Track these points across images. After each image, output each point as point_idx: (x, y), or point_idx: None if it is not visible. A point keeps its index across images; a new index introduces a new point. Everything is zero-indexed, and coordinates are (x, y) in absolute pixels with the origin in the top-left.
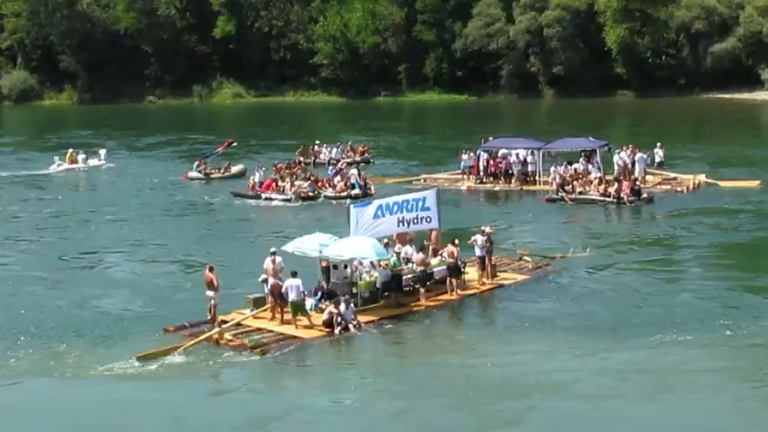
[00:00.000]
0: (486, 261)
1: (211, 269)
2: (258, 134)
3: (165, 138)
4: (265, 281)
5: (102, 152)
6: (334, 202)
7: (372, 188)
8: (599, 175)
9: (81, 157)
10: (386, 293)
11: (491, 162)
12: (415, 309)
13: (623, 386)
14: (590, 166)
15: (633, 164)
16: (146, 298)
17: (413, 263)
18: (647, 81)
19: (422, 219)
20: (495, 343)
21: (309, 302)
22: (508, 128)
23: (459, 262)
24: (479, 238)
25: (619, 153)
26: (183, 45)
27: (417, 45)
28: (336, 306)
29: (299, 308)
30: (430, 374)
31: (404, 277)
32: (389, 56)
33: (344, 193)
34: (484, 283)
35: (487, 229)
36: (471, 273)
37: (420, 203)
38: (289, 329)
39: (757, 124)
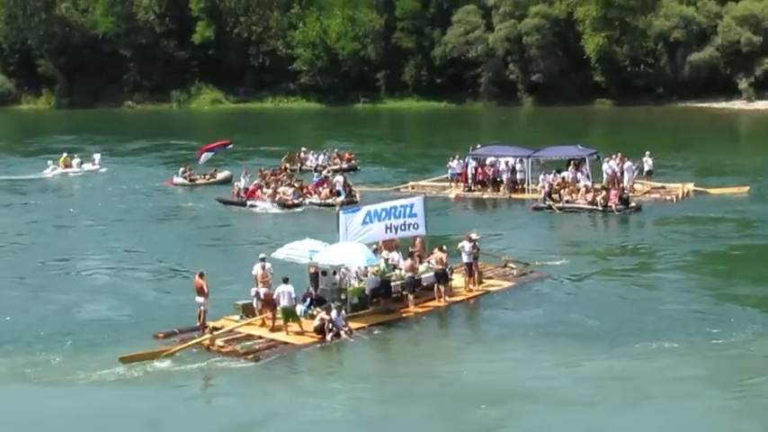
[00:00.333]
0: (473, 267)
1: (201, 275)
2: (241, 140)
3: (147, 143)
4: (257, 293)
5: (97, 157)
6: (318, 209)
7: (357, 195)
8: (588, 183)
9: (75, 161)
10: (374, 300)
11: (479, 170)
12: (404, 315)
13: (602, 394)
14: (579, 175)
15: (622, 172)
16: (132, 304)
17: (400, 269)
18: (626, 89)
19: (409, 225)
20: (480, 350)
21: (299, 309)
22: (491, 135)
23: (447, 268)
24: (466, 245)
25: (608, 162)
26: (161, 50)
27: (397, 52)
28: (328, 312)
29: (290, 314)
30: (415, 382)
31: (392, 284)
32: (369, 62)
33: (329, 201)
34: (471, 290)
35: (474, 236)
36: (457, 279)
37: (407, 210)
38: (280, 336)
39: (738, 133)
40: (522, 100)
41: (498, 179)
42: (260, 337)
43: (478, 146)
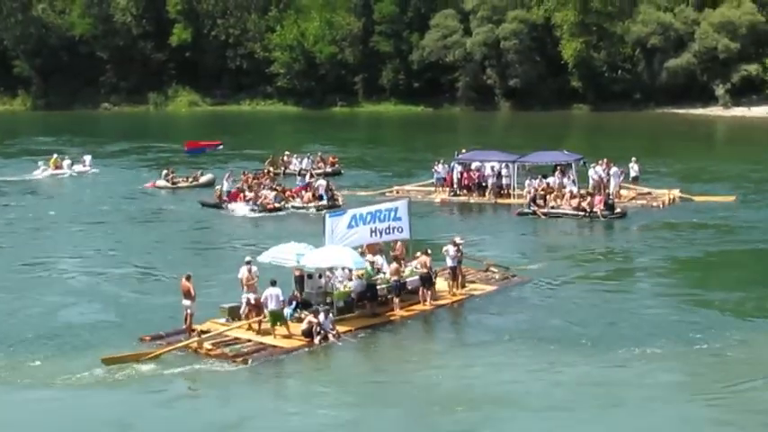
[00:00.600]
0: (457, 271)
1: (188, 278)
2: (223, 143)
3: (128, 145)
4: (248, 300)
5: (88, 158)
6: (300, 212)
7: (340, 199)
8: (574, 189)
9: (66, 162)
10: (360, 303)
11: (465, 174)
12: (390, 318)
13: (575, 400)
14: (565, 180)
15: (608, 178)
16: (113, 307)
17: (383, 273)
18: (603, 95)
19: (393, 229)
20: (463, 355)
21: (285, 312)
22: (470, 140)
23: (432, 272)
24: (451, 249)
25: (594, 167)
26: (138, 52)
27: (374, 56)
28: (315, 316)
29: (278, 317)
30: (397, 386)
31: (378, 287)
32: (346, 66)
33: (311, 204)
34: (455, 294)
35: (458, 240)
36: (440, 282)
37: (392, 213)
38: (268, 339)
39: (718, 139)
40: (500, 105)
41: (484, 184)
42: (248, 341)
43: (463, 150)
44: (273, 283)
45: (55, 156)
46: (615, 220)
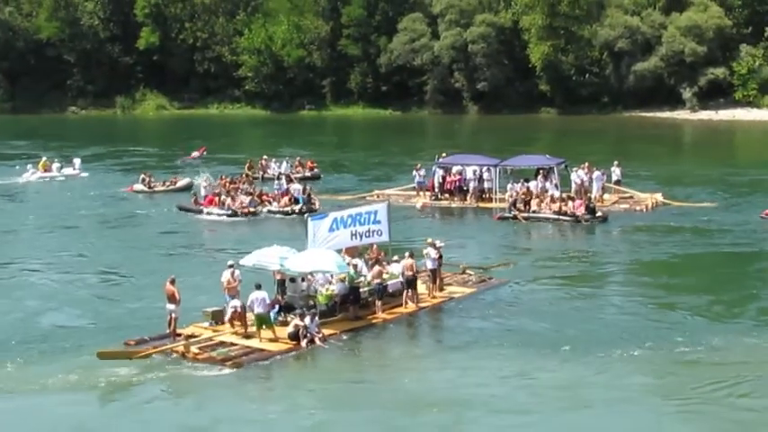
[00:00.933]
0: (437, 274)
1: (173, 282)
2: (194, 147)
3: (103, 149)
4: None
5: (77, 161)
6: (276, 216)
7: (317, 203)
8: (556, 193)
9: (55, 165)
10: (342, 306)
11: (446, 178)
12: (373, 322)
13: (542, 402)
14: (548, 184)
15: (590, 182)
16: (89, 312)
17: (364, 276)
18: (571, 98)
19: (373, 232)
20: (443, 358)
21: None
22: (440, 143)
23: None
24: (432, 252)
25: (576, 171)
26: (106, 55)
27: (342, 59)
28: (302, 319)
29: (264, 320)
30: (378, 389)
31: (361, 290)
32: (314, 69)
33: (288, 209)
34: (434, 296)
35: (438, 243)
36: (419, 286)
37: (372, 217)
38: (254, 343)
39: (689, 143)
40: (468, 108)
41: (465, 188)
42: (233, 344)
43: (444, 154)
44: (259, 287)
45: (44, 159)
46: (596, 225)
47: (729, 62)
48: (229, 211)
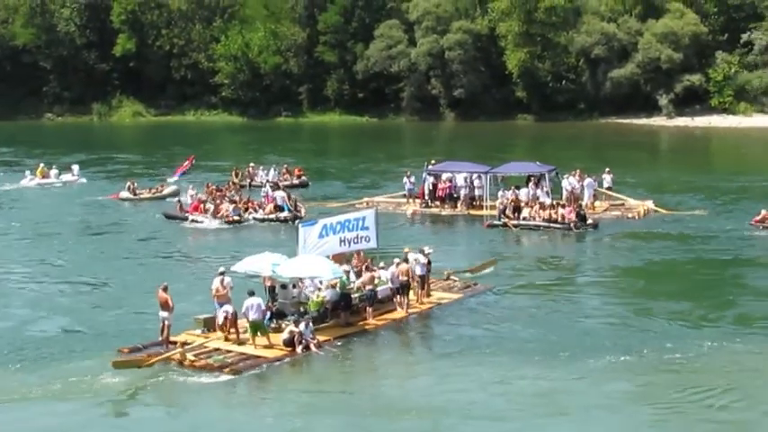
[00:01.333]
0: (426, 280)
1: (165, 289)
2: (179, 154)
3: (85, 156)
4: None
5: (75, 168)
6: (262, 224)
7: (302, 211)
8: (547, 200)
9: (53, 172)
10: (333, 312)
11: (437, 185)
12: (364, 328)
13: (520, 409)
14: (539, 191)
15: (582, 189)
16: (73, 319)
17: (352, 282)
18: (547, 105)
19: (361, 238)
20: (431, 365)
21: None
22: (423, 150)
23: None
24: (421, 258)
25: (567, 178)
26: (82, 62)
27: (319, 66)
28: (296, 325)
29: (258, 327)
30: (363, 396)
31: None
32: (291, 76)
33: (273, 216)
34: (422, 303)
35: (427, 249)
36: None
37: (360, 223)
38: (249, 349)
39: (669, 149)
40: (445, 115)
41: (455, 195)
42: (228, 351)
43: (433, 161)
44: (252, 293)
45: (41, 165)
46: (587, 232)
47: (705, 69)
48: (214, 219)
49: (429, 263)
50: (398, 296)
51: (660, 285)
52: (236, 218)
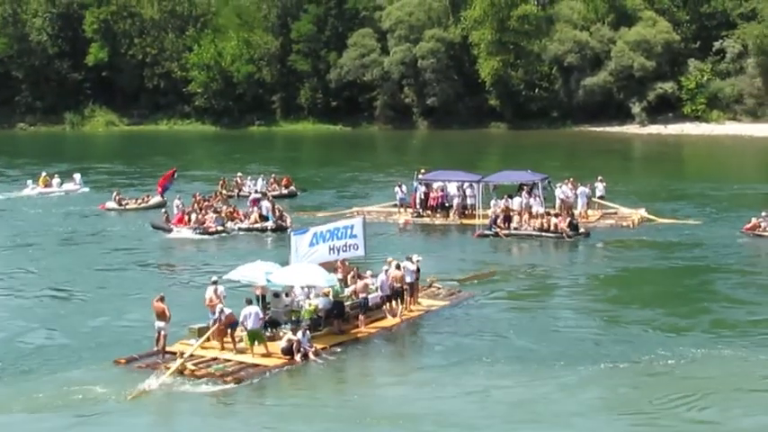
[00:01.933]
0: (415, 287)
1: (162, 299)
2: (161, 164)
3: (68, 167)
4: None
5: (77, 177)
6: (248, 233)
7: (288, 220)
8: (541, 209)
9: (56, 181)
10: (327, 321)
11: (428, 195)
12: (357, 336)
13: (492, 416)
14: (532, 200)
15: (575, 197)
16: (58, 330)
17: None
18: (520, 113)
19: (350, 246)
20: (422, 374)
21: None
22: (403, 158)
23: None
24: (410, 265)
25: (560, 187)
26: (54, 71)
27: (292, 75)
28: (294, 333)
29: (256, 336)
30: (352, 404)
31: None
32: (264, 85)
33: (258, 225)
34: (411, 310)
35: (415, 257)
36: None
37: (348, 231)
38: (247, 358)
39: (642, 157)
40: (418, 123)
41: (447, 204)
42: (226, 360)
43: (422, 170)
44: (250, 302)
45: (44, 174)
46: (579, 241)
47: (678, 77)
48: (196, 230)
49: (418, 270)
50: (389, 304)
51: (645, 294)
52: (220, 228)
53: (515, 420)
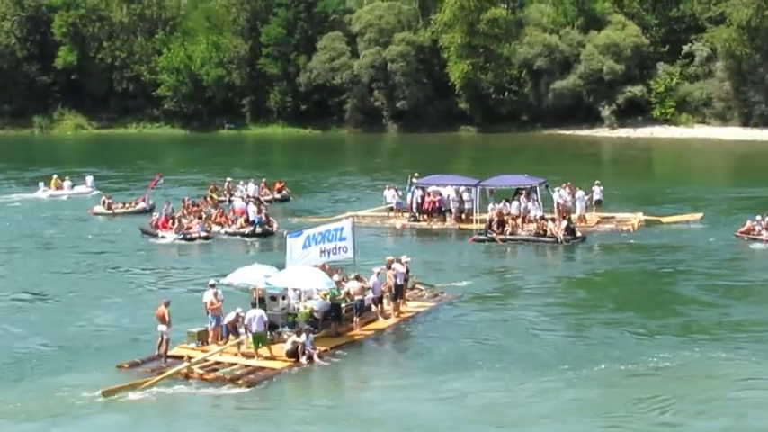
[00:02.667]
0: (404, 289)
1: (167, 304)
2: (145, 168)
3: (52, 170)
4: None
5: (89, 179)
6: (234, 238)
7: (275, 225)
8: (539, 213)
9: (67, 183)
10: (324, 323)
11: (425, 199)
12: (354, 338)
13: (457, 418)
14: (530, 204)
15: (573, 202)
16: (43, 335)
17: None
18: (490, 117)
19: (339, 249)
20: (422, 378)
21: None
22: (382, 162)
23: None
24: (400, 267)
25: (558, 191)
26: (23, 75)
27: (262, 78)
28: (298, 335)
29: (261, 339)
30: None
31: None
32: (233, 88)
33: (244, 230)
34: (402, 312)
35: (404, 258)
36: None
37: (338, 234)
38: (253, 361)
39: (616, 160)
40: (388, 127)
41: (444, 209)
42: (231, 363)
43: (416, 175)
44: (254, 305)
45: (55, 177)
46: (577, 245)
47: (647, 80)
48: (179, 235)
49: (407, 271)
50: (380, 305)
51: (631, 298)
52: (203, 234)
53: (481, 422)
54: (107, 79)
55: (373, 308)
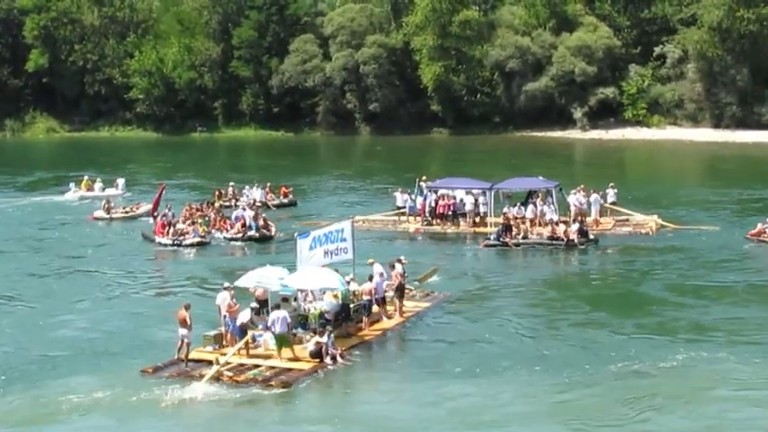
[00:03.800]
0: (403, 290)
1: (187, 308)
2: (137, 172)
3: (46, 174)
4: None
5: (121, 182)
6: (230, 243)
7: (273, 230)
8: (555, 216)
9: (98, 185)
10: (335, 323)
11: (439, 203)
12: (364, 338)
13: (435, 422)
14: (546, 208)
15: (588, 205)
16: (36, 340)
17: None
18: (462, 118)
19: (341, 250)
20: (409, 381)
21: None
22: (365, 165)
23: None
24: (399, 267)
25: (573, 194)
26: None
27: (234, 81)
28: (321, 336)
29: (284, 340)
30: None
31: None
32: (205, 91)
33: (240, 235)
34: (403, 312)
35: (403, 259)
36: None
37: (339, 234)
38: (277, 362)
39: (591, 162)
40: (360, 129)
41: (458, 212)
42: (255, 366)
43: (424, 178)
44: (278, 307)
45: (86, 178)
46: (589, 248)
47: (619, 82)
48: (176, 240)
49: (404, 272)
50: (383, 306)
51: (632, 300)
52: (196, 240)
53: (452, 423)
54: (79, 82)
55: (375, 308)
